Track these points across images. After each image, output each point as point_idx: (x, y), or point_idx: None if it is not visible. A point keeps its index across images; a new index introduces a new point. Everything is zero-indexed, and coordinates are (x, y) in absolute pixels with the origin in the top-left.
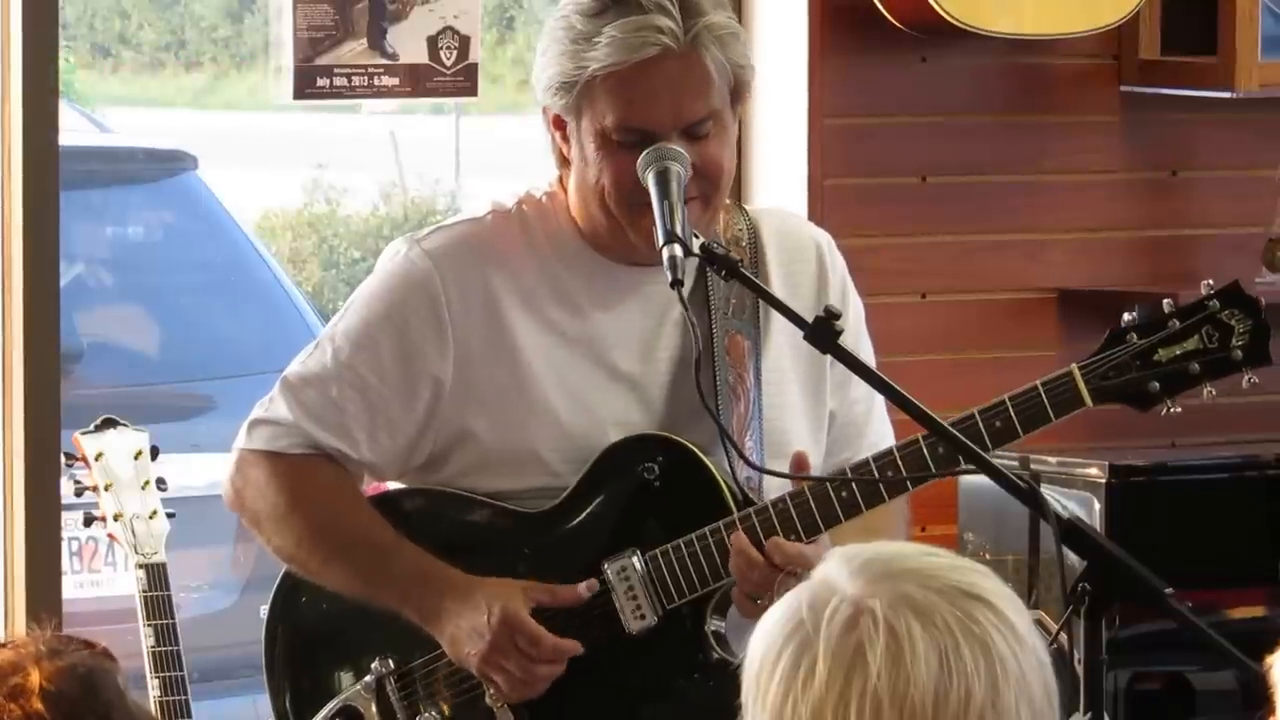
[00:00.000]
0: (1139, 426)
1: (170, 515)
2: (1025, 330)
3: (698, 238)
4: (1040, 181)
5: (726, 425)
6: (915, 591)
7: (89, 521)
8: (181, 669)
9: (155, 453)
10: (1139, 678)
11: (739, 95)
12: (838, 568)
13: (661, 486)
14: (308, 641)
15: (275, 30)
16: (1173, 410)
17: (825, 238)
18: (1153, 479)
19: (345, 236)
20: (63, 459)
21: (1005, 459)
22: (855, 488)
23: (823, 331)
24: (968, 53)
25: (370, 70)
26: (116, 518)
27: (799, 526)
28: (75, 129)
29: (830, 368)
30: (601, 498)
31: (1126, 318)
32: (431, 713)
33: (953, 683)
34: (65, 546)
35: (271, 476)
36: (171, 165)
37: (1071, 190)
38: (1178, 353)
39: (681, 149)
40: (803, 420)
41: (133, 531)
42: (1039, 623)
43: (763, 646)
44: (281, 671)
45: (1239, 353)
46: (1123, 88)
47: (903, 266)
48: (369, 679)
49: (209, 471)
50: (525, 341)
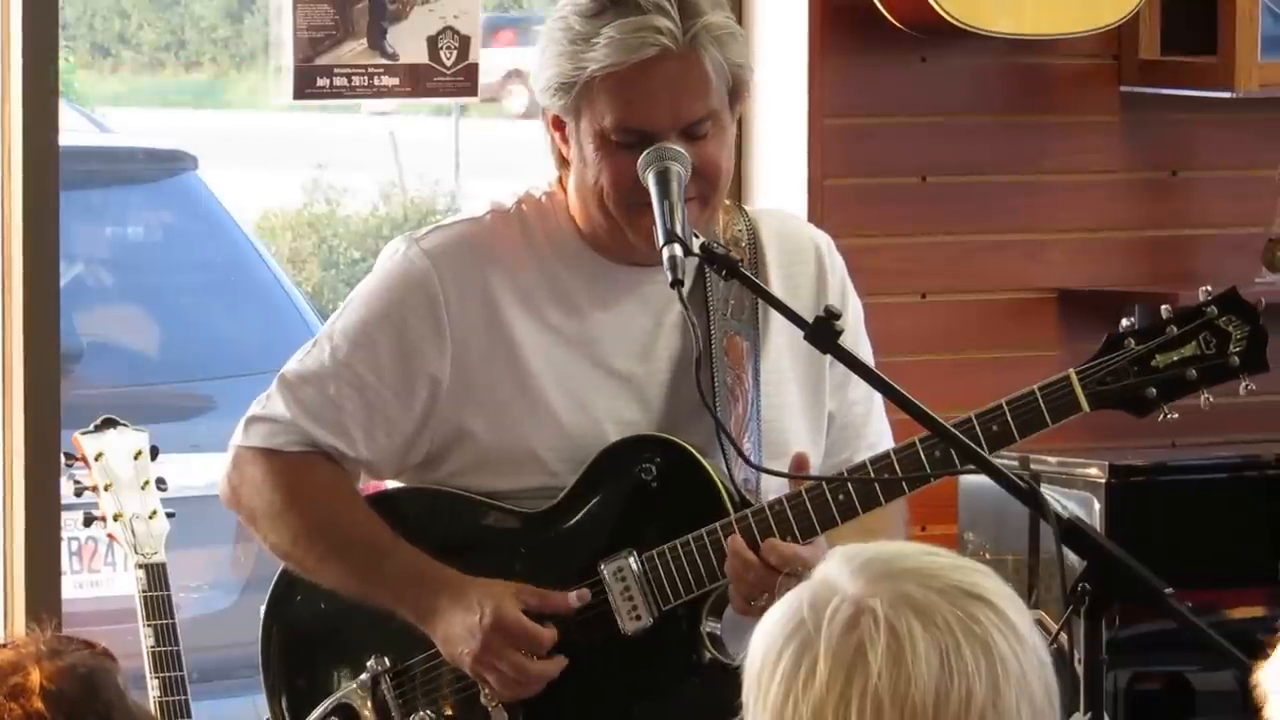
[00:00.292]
0: (1139, 427)
1: (170, 515)
2: (1025, 330)
3: (698, 237)
4: (1040, 181)
5: (724, 427)
6: (916, 591)
7: (89, 521)
8: (181, 669)
9: (155, 453)
10: (1139, 678)
11: (738, 95)
12: (838, 567)
13: (659, 487)
14: (304, 640)
15: (275, 30)
16: (1170, 416)
17: (824, 239)
18: (1152, 479)
19: (345, 236)
20: (62, 459)
21: (1005, 459)
22: (852, 490)
23: (823, 331)
24: (968, 53)
25: (370, 70)
26: (116, 518)
27: (795, 529)
28: (75, 129)
29: (830, 368)
30: (599, 498)
31: (1125, 323)
32: (426, 711)
33: (954, 682)
34: (65, 546)
35: (268, 474)
36: (171, 165)
37: (1071, 190)
38: (1175, 359)
39: (681, 149)
40: (801, 421)
41: (132, 531)
42: (1039, 623)
43: (764, 646)
44: (277, 670)
45: (1236, 359)
46: (1123, 88)
47: (903, 266)
48: (364, 677)
49: (209, 471)
50: (524, 341)
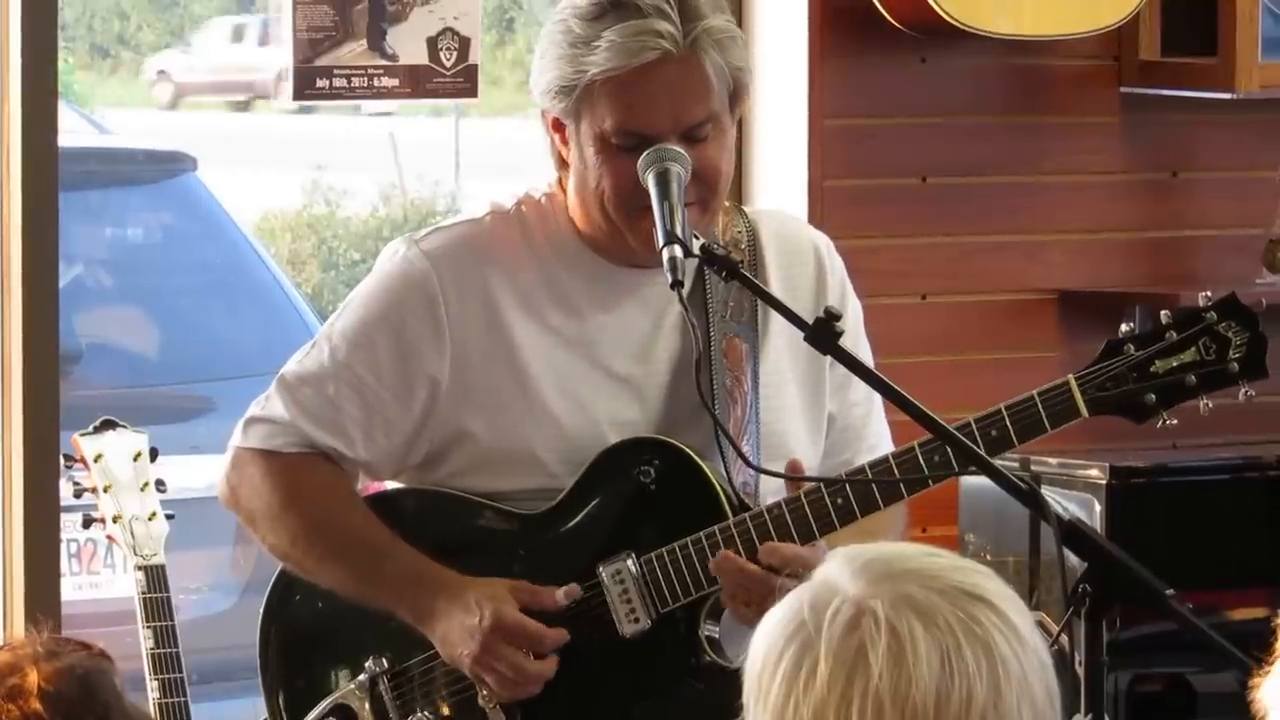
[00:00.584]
0: (1139, 429)
1: (169, 517)
2: (1025, 331)
3: (697, 238)
4: (1040, 182)
5: (723, 428)
6: (917, 592)
7: (88, 523)
8: (181, 671)
9: (154, 454)
10: (1140, 679)
11: (738, 99)
12: (839, 568)
13: (657, 490)
14: (302, 640)
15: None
16: (1169, 422)
17: (824, 240)
18: (1153, 480)
19: (344, 238)
20: (61, 460)
21: (1006, 461)
22: (850, 495)
23: (823, 333)
24: (967, 53)
25: (370, 71)
26: (115, 519)
27: (794, 532)
28: (74, 130)
29: (830, 370)
30: (597, 500)
31: (1124, 329)
32: (424, 712)
33: (954, 684)
34: (64, 548)
35: (267, 474)
36: (171, 166)
37: (1071, 191)
38: (1174, 365)
39: (681, 150)
40: (801, 423)
41: (132, 533)
42: (1040, 624)
43: (764, 647)
44: (275, 670)
45: (1235, 365)
46: (1123, 89)
47: (902, 267)
48: (362, 678)
49: (208, 473)
50: (523, 342)
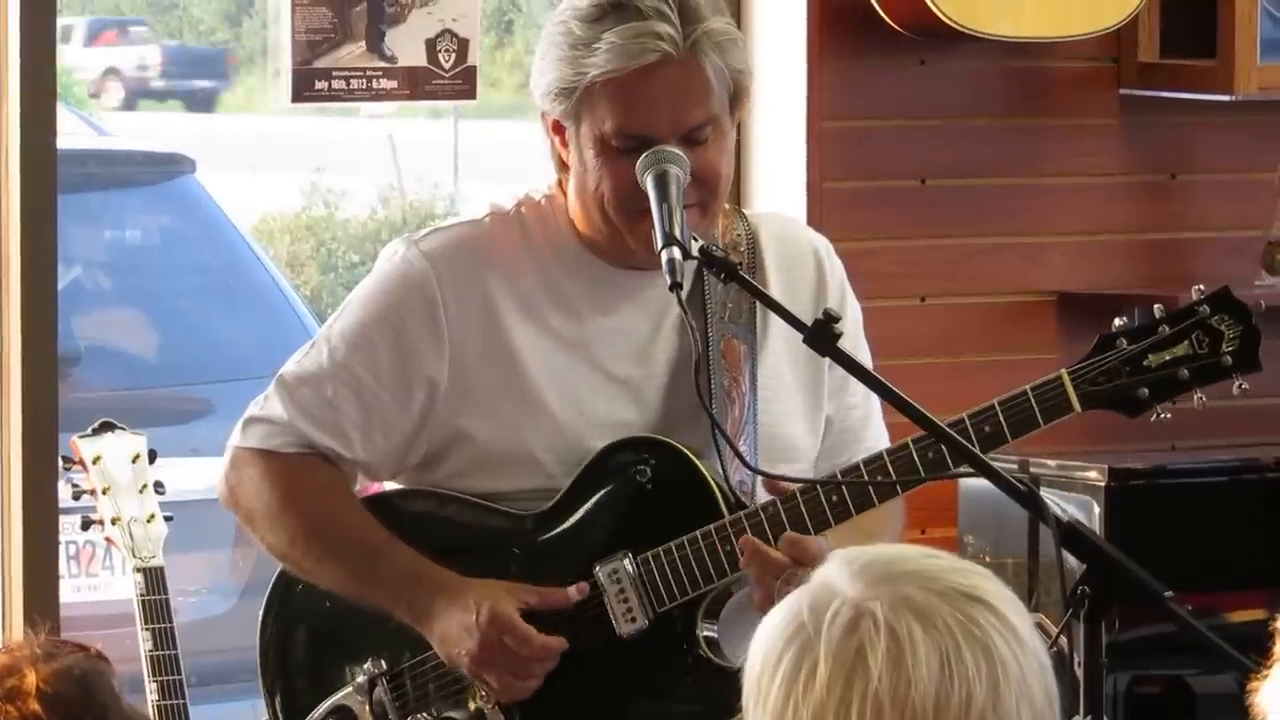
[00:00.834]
0: (1138, 430)
1: (168, 519)
2: (1024, 333)
3: (696, 240)
4: (1039, 184)
5: (721, 427)
6: (916, 594)
7: (86, 525)
8: (179, 673)
9: (153, 456)
10: (1139, 681)
11: (738, 101)
12: (838, 570)
13: (654, 489)
14: (301, 641)
15: (273, 33)
16: (1163, 417)
17: (823, 243)
18: (1152, 482)
19: (343, 240)
20: (60, 462)
21: (1005, 462)
22: (846, 492)
23: (821, 334)
24: (966, 55)
25: (368, 73)
26: (114, 521)
27: (789, 530)
28: (73, 132)
29: (829, 372)
30: (594, 500)
31: (1117, 323)
32: (424, 713)
33: (954, 685)
34: (63, 550)
35: (265, 475)
36: (169, 168)
37: (1070, 193)
38: (1167, 358)
39: (680, 152)
40: (799, 425)
41: (130, 535)
42: (1039, 626)
43: (764, 649)
44: (275, 672)
45: (1229, 358)
46: (1122, 90)
47: (902, 269)
48: (362, 679)
49: (207, 475)
50: (522, 344)
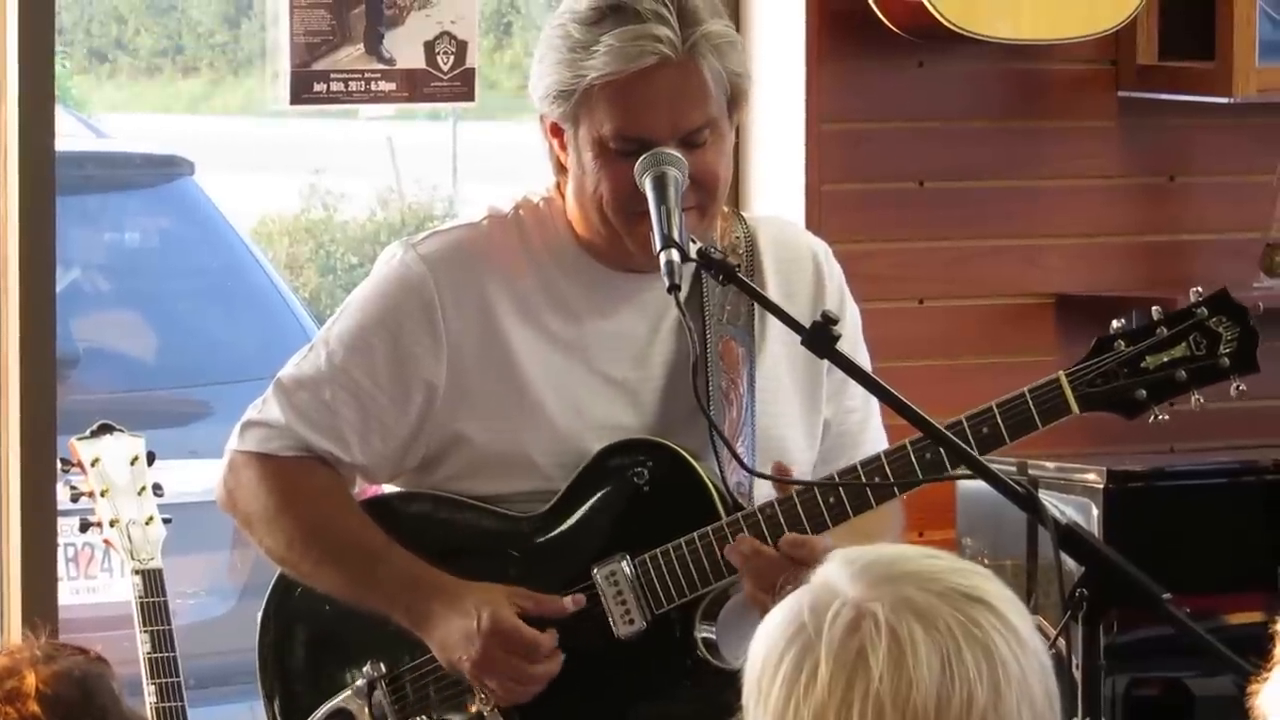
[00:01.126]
0: (1137, 432)
1: (166, 521)
2: (1022, 336)
3: (694, 242)
4: (1038, 187)
5: (718, 428)
6: (917, 595)
7: (85, 527)
8: (178, 675)
9: (151, 458)
10: (1137, 683)
11: (736, 104)
12: (839, 570)
13: (651, 491)
14: (301, 644)
15: (272, 35)
16: (1161, 419)
17: (822, 247)
18: (1151, 484)
19: (342, 242)
20: (59, 465)
21: (1003, 464)
22: (844, 494)
23: (820, 336)
24: (965, 58)
25: (367, 75)
26: (113, 523)
27: (787, 532)
28: (72, 134)
29: (827, 375)
30: (592, 502)
31: (1115, 325)
32: (423, 717)
33: (955, 686)
34: (61, 552)
35: (263, 478)
36: (168, 171)
37: (1069, 195)
38: (1165, 360)
39: (678, 154)
40: (798, 428)
41: (129, 537)
42: (1038, 628)
43: (764, 649)
44: (274, 675)
45: (1226, 360)
46: (1120, 93)
47: (900, 272)
48: (361, 683)
49: (205, 477)
50: (520, 347)
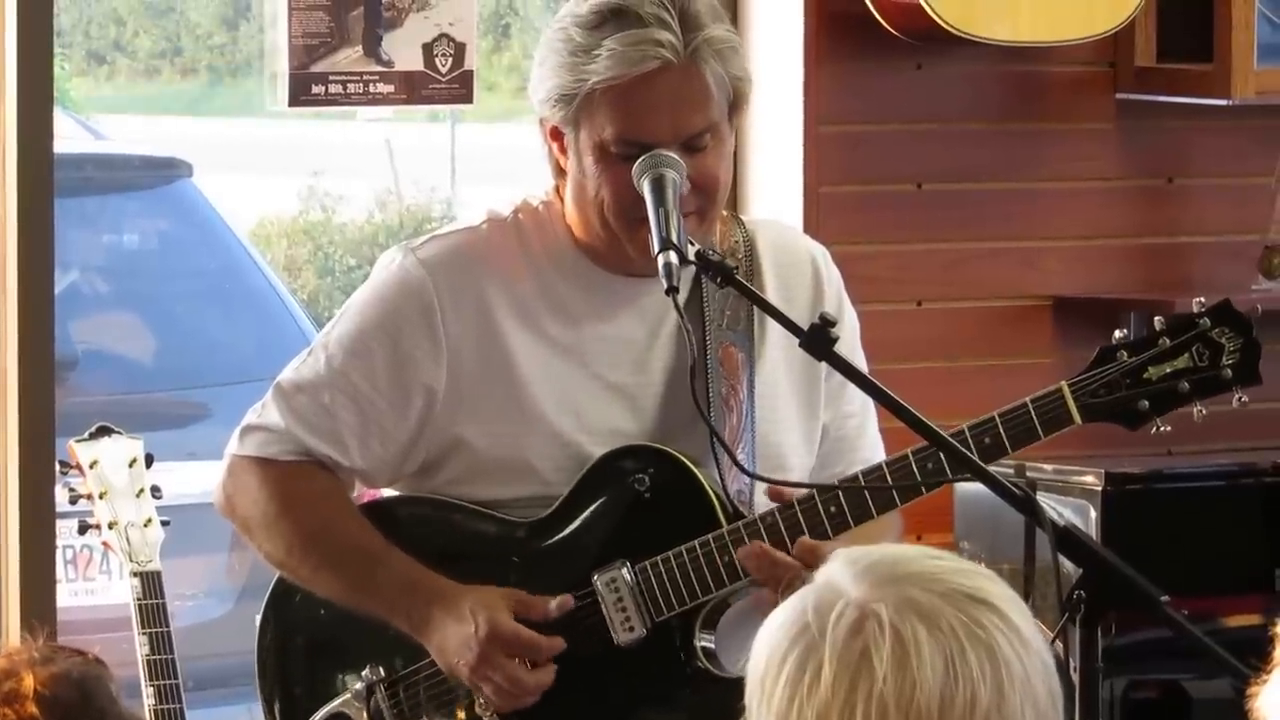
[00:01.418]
0: (1135, 435)
1: (165, 523)
2: (1021, 338)
3: (693, 245)
4: (1036, 189)
5: (719, 434)
6: (920, 595)
7: (84, 529)
8: (176, 677)
9: (150, 460)
10: (1135, 686)
11: (737, 108)
12: (842, 571)
13: (652, 498)
14: (300, 647)
15: (270, 37)
16: (1162, 429)
17: (821, 250)
18: (1149, 487)
19: (340, 244)
20: (57, 467)
21: (1001, 467)
22: (844, 502)
23: (818, 338)
24: (963, 60)
25: (365, 77)
26: (111, 526)
27: (787, 540)
28: (70, 136)
29: (825, 380)
30: (592, 508)
31: (1117, 335)
32: None
33: (958, 687)
34: (60, 555)
35: (263, 482)
36: (167, 172)
37: (1067, 197)
38: (1168, 371)
39: (677, 156)
40: (796, 434)
41: (127, 539)
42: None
43: (768, 650)
44: (273, 679)
45: (1229, 371)
46: (1118, 95)
47: (898, 274)
48: (359, 687)
49: (204, 479)
50: (519, 351)
